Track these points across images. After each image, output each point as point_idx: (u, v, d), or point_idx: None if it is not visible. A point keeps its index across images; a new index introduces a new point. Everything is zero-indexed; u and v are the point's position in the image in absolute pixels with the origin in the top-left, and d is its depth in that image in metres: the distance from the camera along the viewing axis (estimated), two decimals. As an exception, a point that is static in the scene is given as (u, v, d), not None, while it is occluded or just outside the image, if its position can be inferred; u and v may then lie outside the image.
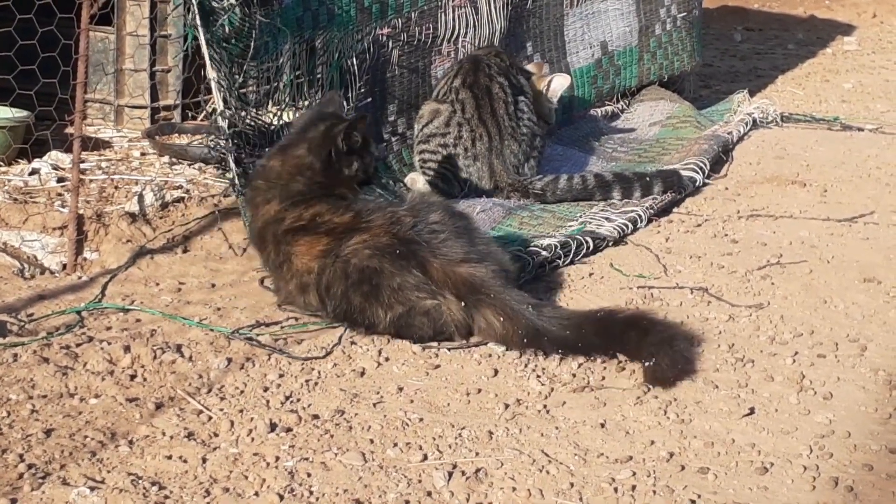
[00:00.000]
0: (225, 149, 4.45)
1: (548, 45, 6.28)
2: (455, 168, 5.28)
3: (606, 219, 4.94)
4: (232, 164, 4.48)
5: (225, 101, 4.47)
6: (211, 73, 4.46)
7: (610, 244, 4.80)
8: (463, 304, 3.85)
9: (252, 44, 4.56)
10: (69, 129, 4.90)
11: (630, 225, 4.95)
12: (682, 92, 7.00)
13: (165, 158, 5.38)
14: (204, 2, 4.44)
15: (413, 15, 5.34)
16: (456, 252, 3.88)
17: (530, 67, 5.76)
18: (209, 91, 5.52)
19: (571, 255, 4.59)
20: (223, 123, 4.44)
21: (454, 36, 5.59)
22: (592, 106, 6.62)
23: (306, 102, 4.81)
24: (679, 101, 6.84)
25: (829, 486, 3.07)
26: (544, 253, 4.48)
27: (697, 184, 5.58)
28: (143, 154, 5.47)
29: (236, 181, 4.47)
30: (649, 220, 5.10)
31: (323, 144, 4.09)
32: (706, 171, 5.70)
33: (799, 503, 3.00)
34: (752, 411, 3.46)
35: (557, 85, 5.70)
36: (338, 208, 4.00)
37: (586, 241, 4.67)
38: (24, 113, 5.21)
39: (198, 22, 4.45)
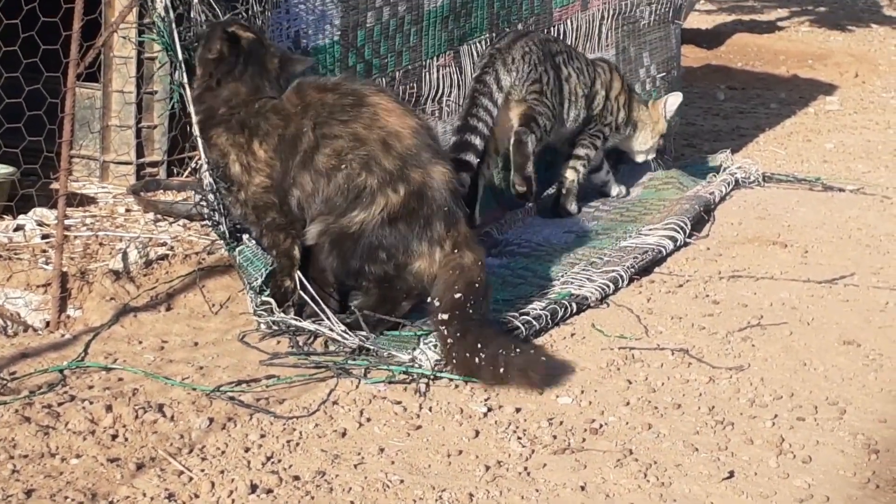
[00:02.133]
0: (213, 203, 4.46)
1: (531, 104, 6.32)
2: None
3: (588, 279, 4.97)
4: (223, 219, 4.50)
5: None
6: (196, 130, 4.48)
7: (593, 304, 4.83)
8: None
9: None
10: (54, 186, 4.93)
11: (611, 285, 4.97)
12: (664, 152, 7.03)
13: (150, 215, 5.40)
14: (190, 60, 4.48)
15: (398, 74, 5.38)
16: None
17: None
18: (194, 148, 5.56)
19: (557, 320, 4.63)
20: (210, 179, 4.46)
21: (437, 95, 5.63)
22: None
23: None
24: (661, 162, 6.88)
25: (807, 551, 3.09)
26: (535, 324, 4.50)
27: (679, 243, 5.61)
28: (127, 210, 5.49)
29: (226, 235, 4.49)
30: (631, 280, 5.12)
31: None
32: (687, 231, 5.73)
33: (777, 568, 3.01)
34: (731, 475, 3.48)
35: (672, 103, 6.36)
36: None
37: (571, 306, 4.70)
38: (10, 169, 5.23)
39: (185, 80, 4.49)
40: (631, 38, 6.92)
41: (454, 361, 4.04)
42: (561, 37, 6.40)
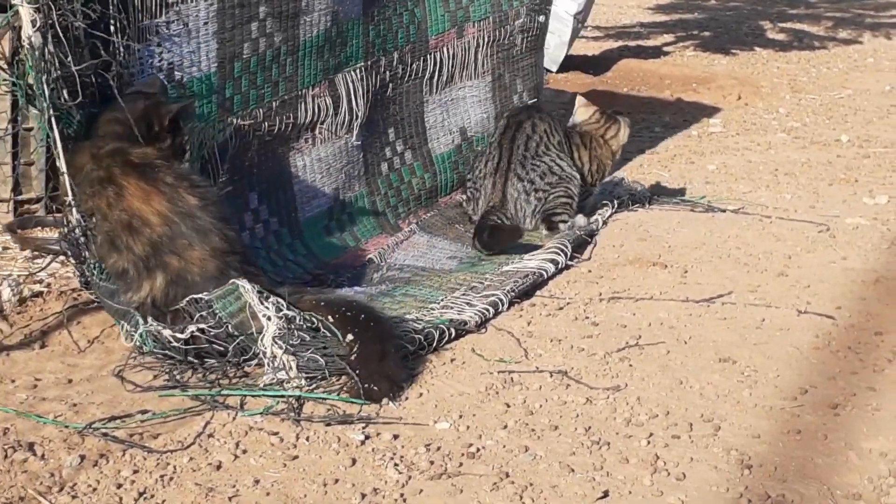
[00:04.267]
0: (76, 241, 4.42)
1: (409, 132, 6.35)
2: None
3: (468, 303, 4.98)
4: (83, 254, 4.45)
5: (73, 193, 4.44)
6: (61, 167, 4.43)
7: (473, 329, 4.84)
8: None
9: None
10: (-75, 225, 4.86)
11: (491, 309, 4.99)
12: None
13: (27, 252, 5.34)
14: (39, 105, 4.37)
15: (274, 104, 5.37)
16: None
17: (580, 112, 6.78)
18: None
19: (434, 344, 4.62)
20: (76, 216, 4.42)
21: (312, 123, 5.62)
22: (455, 191, 6.68)
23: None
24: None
25: (677, 567, 3.11)
26: (409, 346, 4.49)
27: (560, 266, 5.65)
28: (4, 248, 5.42)
29: (86, 273, 4.45)
30: (511, 304, 5.14)
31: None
32: (568, 254, 5.77)
33: (648, 585, 3.03)
34: (605, 494, 3.51)
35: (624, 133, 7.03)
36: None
37: (449, 331, 4.71)
38: None
39: (51, 117, 4.43)
40: (506, 66, 6.97)
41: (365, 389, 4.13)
42: (438, 65, 6.45)
